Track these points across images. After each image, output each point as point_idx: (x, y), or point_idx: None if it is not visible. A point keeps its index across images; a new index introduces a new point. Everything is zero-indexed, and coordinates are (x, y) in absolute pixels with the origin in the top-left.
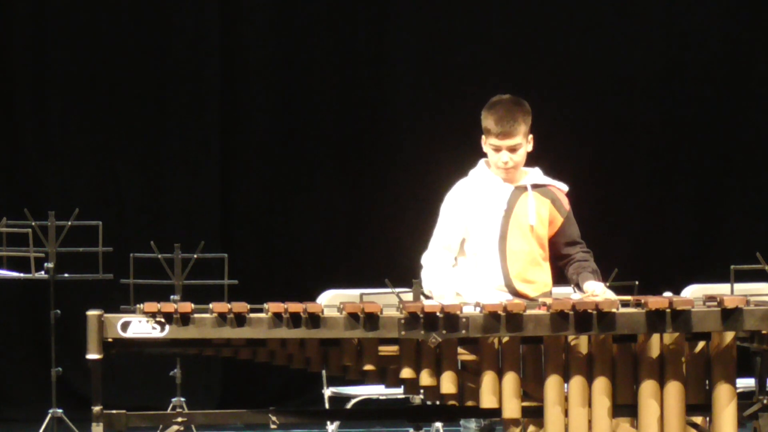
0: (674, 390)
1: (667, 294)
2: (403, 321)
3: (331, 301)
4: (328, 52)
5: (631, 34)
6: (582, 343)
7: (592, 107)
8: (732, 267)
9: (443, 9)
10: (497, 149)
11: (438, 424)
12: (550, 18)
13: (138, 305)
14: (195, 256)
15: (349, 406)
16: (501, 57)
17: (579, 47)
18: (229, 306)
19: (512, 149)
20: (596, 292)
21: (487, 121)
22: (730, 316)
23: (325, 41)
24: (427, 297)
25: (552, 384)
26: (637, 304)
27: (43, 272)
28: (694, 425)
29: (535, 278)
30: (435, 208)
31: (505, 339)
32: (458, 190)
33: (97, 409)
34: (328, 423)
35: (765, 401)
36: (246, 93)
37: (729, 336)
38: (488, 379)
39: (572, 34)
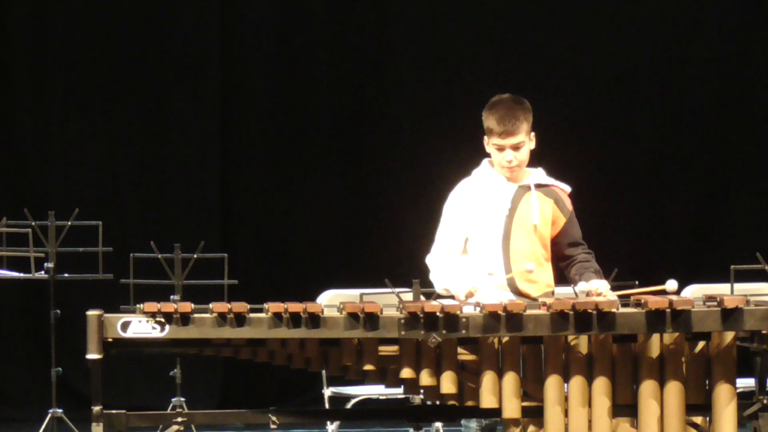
0: (674, 390)
1: (671, 282)
2: (403, 321)
3: (331, 301)
4: (328, 51)
5: (632, 34)
6: (582, 343)
7: (592, 107)
8: (732, 267)
9: (445, 8)
10: (501, 148)
11: (438, 424)
12: (552, 17)
13: (138, 305)
14: (195, 256)
15: (349, 406)
16: (503, 56)
17: (580, 47)
18: (229, 306)
19: (516, 147)
20: (600, 289)
21: (489, 121)
22: (730, 316)
23: (325, 40)
24: (429, 296)
25: (552, 384)
26: (637, 304)
27: (43, 272)
28: (694, 425)
29: (538, 278)
30: (436, 208)
31: (505, 339)
32: (461, 189)
33: (97, 409)
34: (328, 423)
35: (765, 401)
36: (246, 93)
37: (729, 336)
38: (488, 379)
39: (574, 33)
